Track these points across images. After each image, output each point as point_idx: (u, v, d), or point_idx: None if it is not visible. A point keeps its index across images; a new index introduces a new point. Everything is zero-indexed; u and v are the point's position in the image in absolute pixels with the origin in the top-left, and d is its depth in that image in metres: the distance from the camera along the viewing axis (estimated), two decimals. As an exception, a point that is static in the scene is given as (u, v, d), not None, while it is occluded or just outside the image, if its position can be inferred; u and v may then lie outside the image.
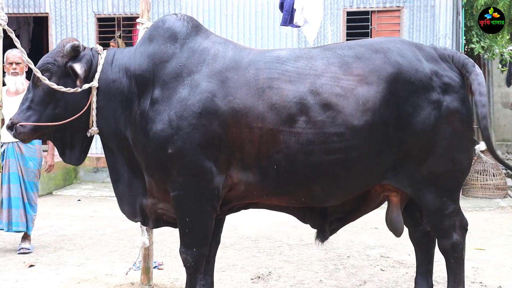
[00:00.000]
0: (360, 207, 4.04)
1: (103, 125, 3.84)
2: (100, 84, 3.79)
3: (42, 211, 8.39)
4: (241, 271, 5.30)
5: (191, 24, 3.83)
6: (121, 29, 11.26)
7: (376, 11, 10.63)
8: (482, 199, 9.75)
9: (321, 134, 3.50)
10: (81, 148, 3.97)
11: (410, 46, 3.72)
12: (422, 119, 3.55)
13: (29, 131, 3.78)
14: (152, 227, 4.19)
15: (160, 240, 6.23)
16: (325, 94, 3.51)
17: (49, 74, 3.75)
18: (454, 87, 3.64)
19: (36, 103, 3.80)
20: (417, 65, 3.60)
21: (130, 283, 4.87)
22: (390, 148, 3.58)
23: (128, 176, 3.92)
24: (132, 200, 3.94)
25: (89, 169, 11.19)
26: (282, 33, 10.81)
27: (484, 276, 5.21)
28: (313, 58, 3.65)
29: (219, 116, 3.53)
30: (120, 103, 3.79)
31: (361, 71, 3.56)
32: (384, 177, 3.68)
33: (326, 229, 4.03)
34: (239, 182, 3.66)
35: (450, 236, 3.80)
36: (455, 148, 3.65)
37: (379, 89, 3.52)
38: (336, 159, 3.53)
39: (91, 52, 3.88)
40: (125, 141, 3.81)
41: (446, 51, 3.79)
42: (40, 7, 11.50)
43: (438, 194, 3.69)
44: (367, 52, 3.64)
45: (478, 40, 11.72)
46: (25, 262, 5.54)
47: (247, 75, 3.59)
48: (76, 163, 4.02)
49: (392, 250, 6.11)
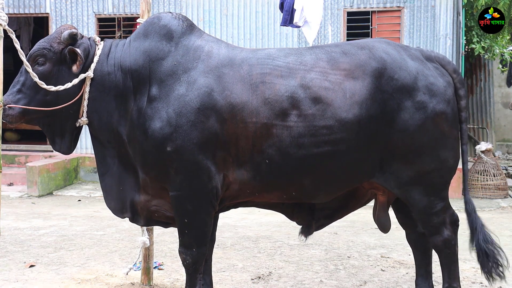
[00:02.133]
0: (348, 204, 4.10)
1: (94, 117, 3.81)
2: (95, 75, 3.76)
3: (42, 211, 8.42)
4: (242, 272, 5.30)
5: (186, 23, 3.86)
6: (122, 29, 11.27)
7: (377, 11, 10.63)
8: (482, 199, 9.76)
9: (311, 127, 3.56)
10: (71, 137, 3.92)
11: (395, 46, 3.82)
12: (407, 117, 3.61)
13: (17, 114, 3.70)
14: (142, 225, 4.17)
15: (160, 240, 6.24)
16: (314, 87, 3.58)
17: (44, 59, 3.72)
18: (439, 87, 3.69)
19: (27, 87, 3.73)
20: (401, 63, 3.67)
21: (131, 283, 4.87)
22: (377, 144, 3.63)
23: (117, 170, 3.89)
24: (121, 195, 3.90)
25: (90, 169, 11.20)
26: (283, 33, 10.82)
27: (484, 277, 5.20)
28: (302, 54, 3.73)
29: (217, 111, 3.56)
30: (114, 97, 3.77)
31: (347, 66, 3.65)
32: (372, 175, 3.73)
33: (312, 225, 4.08)
34: (234, 181, 3.68)
35: (441, 232, 3.83)
36: (441, 147, 3.71)
37: (364, 83, 3.60)
38: (325, 152, 3.59)
39: (89, 42, 3.87)
40: (117, 136, 3.79)
41: (433, 53, 3.89)
42: (40, 8, 11.51)
43: (425, 193, 3.74)
44: (353, 48, 3.75)
45: (478, 40, 11.73)
46: (26, 262, 5.54)
47: (241, 71, 3.63)
48: (66, 152, 3.96)
49: (392, 250, 6.12)
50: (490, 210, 8.90)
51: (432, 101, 3.64)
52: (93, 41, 3.90)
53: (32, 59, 3.72)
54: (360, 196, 4.07)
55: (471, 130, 13.89)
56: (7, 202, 9.04)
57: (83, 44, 3.80)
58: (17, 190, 10.21)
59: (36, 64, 3.72)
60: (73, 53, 3.72)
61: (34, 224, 7.47)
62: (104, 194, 3.98)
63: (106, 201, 3.99)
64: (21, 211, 8.41)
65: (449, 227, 3.85)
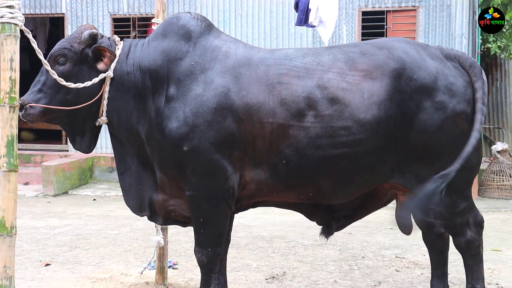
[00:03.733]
0: (368, 204, 4.05)
1: (114, 116, 3.83)
2: (114, 75, 3.77)
3: (57, 211, 8.47)
4: (256, 271, 5.30)
5: (204, 24, 3.86)
6: (137, 29, 11.31)
7: (392, 10, 10.58)
8: (498, 199, 9.68)
9: (328, 128, 3.52)
10: (91, 136, 3.95)
11: (415, 45, 3.76)
12: (426, 118, 3.55)
13: (38, 113, 3.72)
14: (161, 224, 4.18)
15: (174, 239, 6.25)
16: (332, 88, 3.54)
17: (64, 59, 3.74)
18: (459, 87, 3.63)
19: (48, 87, 3.74)
20: (420, 62, 3.61)
21: (145, 282, 4.89)
22: (396, 145, 3.58)
23: (136, 169, 3.91)
24: (140, 194, 3.93)
25: (104, 169, 11.26)
26: (297, 33, 10.80)
27: (500, 278, 5.17)
28: (319, 54, 3.70)
29: (233, 111, 3.55)
30: (133, 97, 3.78)
31: (365, 66, 3.60)
32: (391, 176, 3.68)
33: (332, 225, 4.05)
34: (251, 180, 3.67)
35: (464, 233, 3.78)
36: (462, 147, 3.60)
37: (383, 84, 3.55)
38: (343, 153, 3.55)
39: (109, 42, 3.88)
40: (136, 135, 3.81)
41: (453, 51, 3.80)
42: (56, 8, 11.59)
43: (447, 193, 3.63)
44: (372, 48, 3.70)
45: (494, 39, 11.64)
46: (41, 261, 5.58)
47: (258, 71, 3.62)
48: (86, 151, 3.99)
49: (407, 250, 6.09)
50: (506, 211, 8.82)
51: (452, 101, 3.58)
52: (112, 41, 3.92)
53: (52, 59, 3.74)
54: (380, 196, 4.01)
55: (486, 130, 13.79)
56: (23, 201, 9.11)
57: (103, 44, 3.81)
58: (32, 189, 10.28)
59: (57, 64, 3.74)
60: (98, 51, 3.74)
61: (49, 223, 7.52)
62: (123, 193, 4.00)
63: (125, 199, 4.01)
64: (37, 210, 8.47)
65: (472, 228, 3.79)
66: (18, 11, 3.20)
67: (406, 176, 3.66)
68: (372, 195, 3.99)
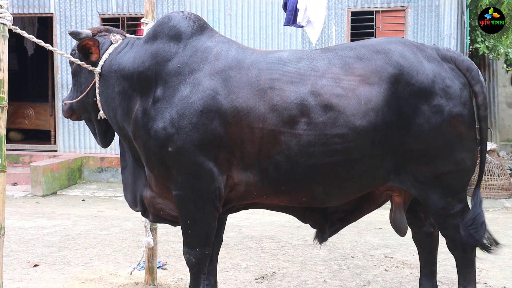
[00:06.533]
0: (363, 206, 4.02)
1: (105, 111, 3.99)
2: (103, 71, 3.93)
3: (46, 211, 8.43)
4: (245, 271, 5.30)
5: (197, 24, 3.84)
6: (126, 29, 11.27)
7: (381, 11, 10.62)
8: (486, 199, 9.71)
9: (322, 136, 3.46)
10: (101, 131, 4.16)
11: (412, 47, 3.68)
12: (422, 121, 3.51)
13: (66, 109, 4.20)
14: (151, 220, 4.20)
15: (164, 240, 6.24)
16: (326, 95, 3.48)
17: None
18: (455, 89, 3.58)
19: (72, 85, 4.21)
20: (418, 66, 3.56)
21: (134, 283, 4.88)
22: (392, 150, 3.55)
23: (132, 165, 4.04)
24: (134, 189, 4.04)
25: (94, 169, 11.22)
26: (286, 33, 10.82)
27: (488, 277, 5.20)
28: (314, 59, 3.62)
29: (221, 114, 3.52)
30: (118, 94, 3.86)
31: (362, 72, 3.54)
32: (387, 180, 3.65)
33: (326, 229, 4.01)
34: (240, 182, 3.64)
35: (457, 235, 3.74)
36: (457, 149, 3.60)
37: (380, 90, 3.49)
38: (338, 161, 3.51)
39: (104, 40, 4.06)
40: (124, 131, 3.91)
41: (449, 52, 3.74)
42: (44, 8, 11.54)
43: (443, 195, 3.64)
44: (368, 52, 3.62)
45: (483, 40, 11.72)
46: (30, 262, 5.55)
47: (249, 75, 3.57)
48: (103, 146, 4.28)
49: (396, 250, 6.11)
50: (495, 210, 8.89)
51: (448, 104, 3.54)
52: (110, 40, 4.05)
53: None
54: (375, 198, 3.97)
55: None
56: (11, 202, 9.07)
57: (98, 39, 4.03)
58: (21, 190, 10.23)
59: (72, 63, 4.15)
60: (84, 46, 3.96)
61: (38, 223, 7.49)
62: (123, 187, 4.17)
63: (124, 193, 4.18)
64: (25, 211, 8.43)
65: (466, 230, 3.74)
66: (6, 10, 3.19)
67: (402, 177, 3.63)
68: (367, 197, 3.96)
